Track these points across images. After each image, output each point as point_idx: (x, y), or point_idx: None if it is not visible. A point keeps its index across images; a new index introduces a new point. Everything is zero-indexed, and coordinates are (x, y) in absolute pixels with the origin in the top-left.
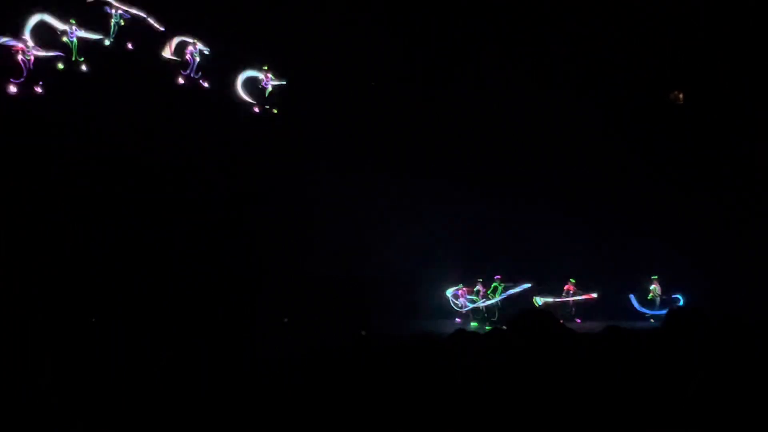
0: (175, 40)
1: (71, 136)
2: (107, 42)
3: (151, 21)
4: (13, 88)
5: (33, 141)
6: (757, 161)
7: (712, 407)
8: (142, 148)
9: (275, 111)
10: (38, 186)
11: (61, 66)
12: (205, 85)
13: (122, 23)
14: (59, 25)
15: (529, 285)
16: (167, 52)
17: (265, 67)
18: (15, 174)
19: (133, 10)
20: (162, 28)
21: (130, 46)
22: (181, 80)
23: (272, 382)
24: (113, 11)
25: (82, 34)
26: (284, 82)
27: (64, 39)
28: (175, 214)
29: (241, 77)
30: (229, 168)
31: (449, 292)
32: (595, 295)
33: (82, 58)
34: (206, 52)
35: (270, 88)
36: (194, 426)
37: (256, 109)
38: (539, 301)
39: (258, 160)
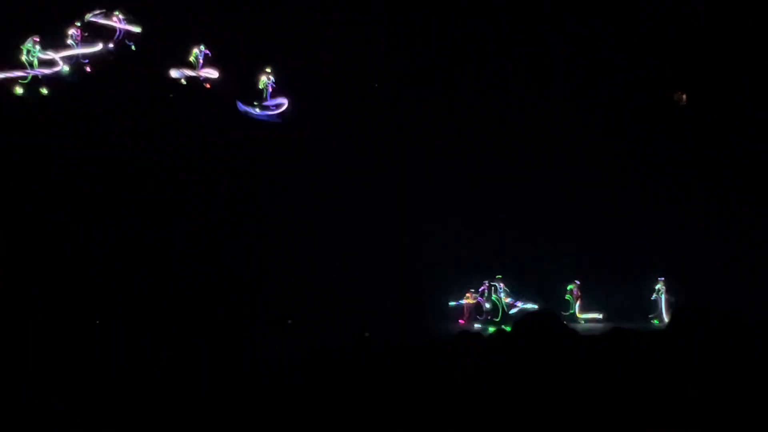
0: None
1: (72, 136)
2: (111, 45)
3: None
4: (19, 90)
5: (34, 141)
6: (757, 161)
7: (713, 407)
8: (142, 149)
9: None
10: (38, 186)
11: (66, 68)
12: (207, 86)
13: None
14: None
15: (536, 306)
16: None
17: (268, 69)
18: (15, 174)
19: (133, 28)
20: (165, 34)
21: (133, 48)
22: (183, 81)
23: (272, 382)
24: (118, 19)
25: (87, 37)
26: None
27: (69, 42)
28: (176, 215)
29: (243, 79)
30: (229, 168)
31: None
32: (600, 316)
33: (86, 60)
34: (209, 54)
35: (271, 89)
36: (194, 426)
37: (257, 110)
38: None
39: (259, 160)
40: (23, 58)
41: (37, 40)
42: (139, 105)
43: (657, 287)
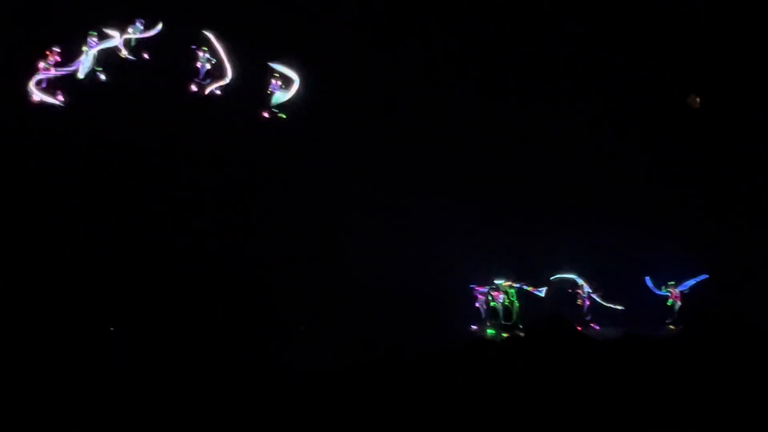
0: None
1: (72, 137)
2: (124, 53)
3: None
4: (36, 97)
5: (34, 141)
6: (758, 161)
7: (713, 407)
8: (142, 149)
9: (284, 116)
10: (38, 186)
11: (81, 75)
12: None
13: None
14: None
15: (546, 288)
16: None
17: (276, 74)
18: (15, 174)
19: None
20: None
21: (145, 55)
22: (193, 86)
23: (272, 383)
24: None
25: (101, 46)
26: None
27: (84, 48)
28: (176, 215)
29: (249, 82)
30: (233, 168)
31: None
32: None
33: (101, 68)
34: (213, 61)
35: (278, 93)
36: (194, 426)
37: (265, 114)
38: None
39: (263, 161)
40: (41, 65)
41: (58, 50)
42: (141, 106)
43: (672, 292)
